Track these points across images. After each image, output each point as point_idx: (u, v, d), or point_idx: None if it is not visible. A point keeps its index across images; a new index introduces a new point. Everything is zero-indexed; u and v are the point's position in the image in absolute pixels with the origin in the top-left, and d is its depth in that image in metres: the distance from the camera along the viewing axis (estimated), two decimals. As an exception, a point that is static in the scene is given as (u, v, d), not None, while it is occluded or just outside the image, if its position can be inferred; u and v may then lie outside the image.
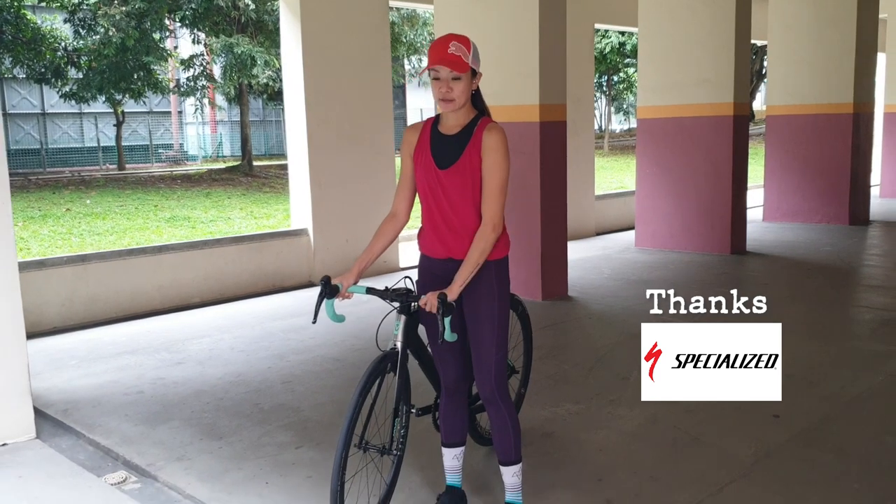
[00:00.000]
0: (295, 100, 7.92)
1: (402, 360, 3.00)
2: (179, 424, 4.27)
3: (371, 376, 2.91)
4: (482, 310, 2.97)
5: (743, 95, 8.85)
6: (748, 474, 3.50)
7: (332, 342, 5.69)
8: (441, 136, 2.99)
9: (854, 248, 9.28)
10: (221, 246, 7.55)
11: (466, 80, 2.88)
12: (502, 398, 3.04)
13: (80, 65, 19.25)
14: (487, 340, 2.98)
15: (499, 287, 2.99)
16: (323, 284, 3.00)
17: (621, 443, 3.87)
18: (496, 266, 2.99)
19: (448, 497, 3.21)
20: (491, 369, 2.99)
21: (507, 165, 2.90)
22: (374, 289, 3.03)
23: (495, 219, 2.88)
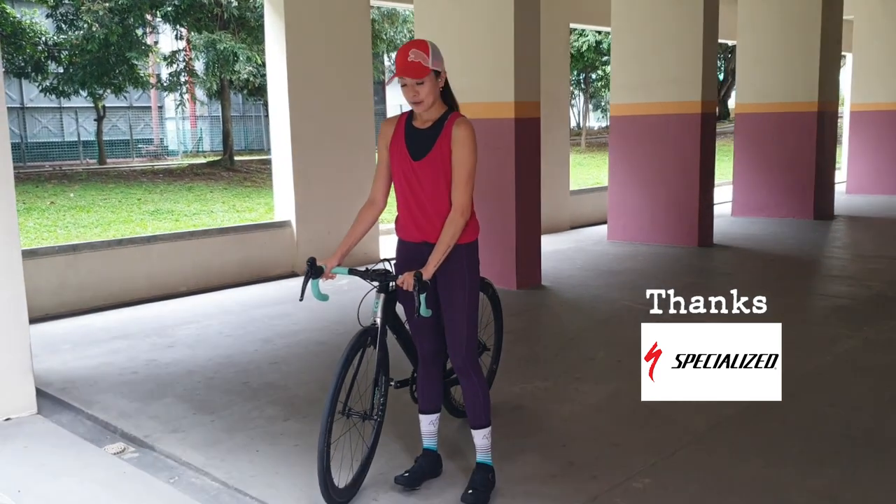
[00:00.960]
0: (278, 95, 8.18)
1: (381, 335, 3.30)
2: (173, 401, 4.54)
3: (353, 349, 3.21)
4: (454, 289, 3.28)
5: (710, 94, 9.22)
6: (699, 441, 3.84)
7: (316, 327, 5.98)
8: (414, 130, 3.30)
9: (816, 241, 9.69)
10: (208, 237, 7.80)
11: (430, 82, 3.18)
12: (473, 369, 3.36)
13: (61, 59, 19.32)
14: (459, 317, 3.29)
15: (468, 268, 3.31)
16: (309, 265, 3.30)
17: (585, 414, 4.20)
18: (466, 249, 3.30)
19: (424, 459, 3.51)
20: (462, 343, 3.30)
21: (474, 157, 3.22)
22: (355, 269, 3.33)
23: (464, 205, 3.19)
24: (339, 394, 3.17)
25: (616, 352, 5.26)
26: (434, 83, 3.20)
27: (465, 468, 3.51)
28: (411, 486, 3.40)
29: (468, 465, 3.54)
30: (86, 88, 18.04)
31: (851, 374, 4.80)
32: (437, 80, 3.22)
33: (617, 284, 7.34)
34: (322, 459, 3.13)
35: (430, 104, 3.22)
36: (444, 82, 3.27)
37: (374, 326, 3.30)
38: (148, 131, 29.96)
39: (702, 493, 3.32)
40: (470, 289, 3.31)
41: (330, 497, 3.17)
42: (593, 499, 3.27)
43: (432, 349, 3.46)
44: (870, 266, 8.04)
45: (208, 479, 3.59)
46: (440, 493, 3.37)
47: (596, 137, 32.17)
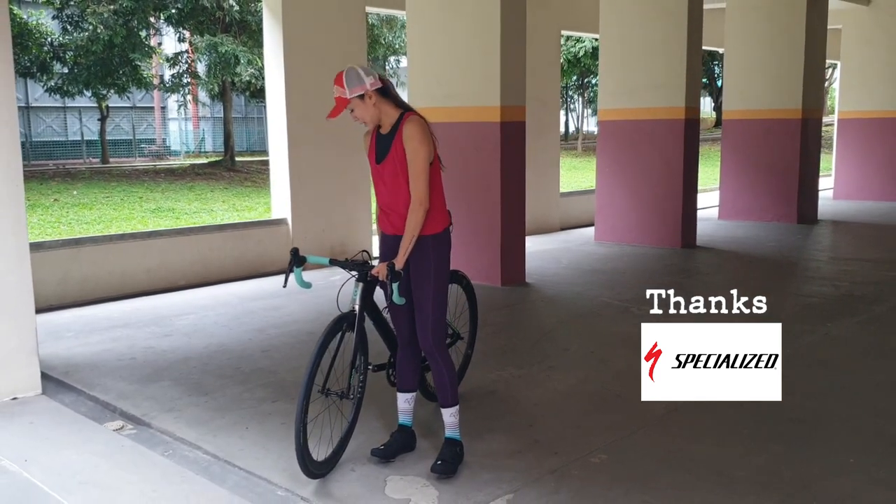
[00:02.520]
0: (276, 97, 8.48)
1: (360, 321, 3.59)
2: (169, 384, 4.84)
3: (329, 333, 3.49)
4: (422, 276, 3.60)
5: (693, 100, 9.52)
6: (658, 422, 4.12)
7: (307, 318, 6.27)
8: (381, 136, 3.66)
9: (797, 244, 9.98)
10: (206, 233, 8.10)
11: (359, 105, 3.54)
12: (439, 351, 3.66)
13: (66, 60, 19.65)
14: (426, 301, 3.60)
15: (435, 257, 3.61)
16: (292, 255, 3.60)
17: (553, 399, 4.49)
18: (433, 240, 3.61)
19: (400, 434, 3.81)
20: (428, 326, 3.61)
21: (424, 149, 3.50)
22: (335, 259, 3.63)
23: (420, 196, 3.49)
24: (315, 375, 3.44)
25: (589, 344, 5.56)
26: (363, 104, 3.54)
27: (437, 445, 3.79)
28: (386, 458, 3.70)
29: (439, 441, 3.83)
30: (90, 88, 18.38)
31: (809, 366, 5.08)
32: (364, 100, 3.54)
33: (599, 283, 7.63)
34: (299, 436, 3.40)
35: (373, 121, 3.59)
36: (382, 92, 3.57)
37: (351, 312, 3.59)
38: (151, 131, 30.33)
39: (653, 468, 3.61)
40: (437, 277, 3.60)
41: (308, 470, 3.45)
42: (552, 471, 3.56)
43: (409, 332, 3.76)
44: (844, 268, 8.33)
45: (200, 452, 3.88)
46: (412, 465, 3.66)
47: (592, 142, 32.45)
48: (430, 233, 3.60)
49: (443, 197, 3.69)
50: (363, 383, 3.72)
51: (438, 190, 3.65)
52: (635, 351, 5.53)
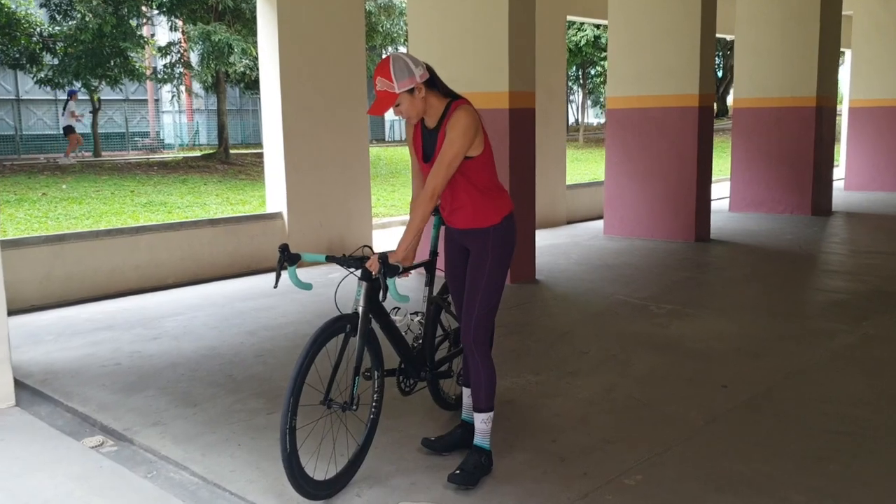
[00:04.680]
0: (271, 86, 8.06)
1: (363, 325, 3.18)
2: (155, 393, 4.43)
3: (325, 332, 3.09)
4: (477, 268, 3.28)
5: (708, 87, 9.11)
6: (695, 436, 3.73)
7: (303, 320, 5.87)
8: (427, 131, 3.30)
9: (813, 237, 9.59)
10: (198, 228, 7.68)
11: (406, 99, 3.15)
12: (479, 351, 3.30)
13: (56, 51, 19.15)
14: (474, 296, 3.27)
15: (493, 251, 3.29)
16: (281, 252, 3.19)
17: (576, 409, 4.08)
18: (493, 231, 3.30)
19: (461, 430, 3.55)
20: (472, 322, 3.27)
21: (461, 143, 3.14)
22: (333, 256, 3.22)
23: (435, 189, 3.15)
24: (305, 373, 3.02)
25: (609, 345, 5.16)
26: (410, 99, 3.17)
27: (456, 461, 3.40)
28: (439, 452, 3.46)
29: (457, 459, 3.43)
30: (80, 79, 17.87)
31: (848, 370, 4.69)
32: (413, 94, 3.16)
33: (612, 279, 7.23)
34: (284, 442, 2.99)
35: (418, 116, 3.23)
36: (429, 83, 3.21)
37: (353, 314, 3.20)
38: (144, 124, 29.81)
39: (697, 491, 3.21)
40: (490, 272, 3.28)
41: (298, 484, 3.04)
42: (584, 496, 3.16)
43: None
44: (867, 261, 7.94)
45: (187, 473, 3.48)
46: (428, 489, 3.25)
47: (594, 133, 32.07)
48: (488, 224, 3.30)
49: (497, 182, 3.37)
50: (379, 396, 3.34)
51: (492, 177, 3.33)
52: (658, 353, 5.19)
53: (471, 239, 3.34)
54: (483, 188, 3.28)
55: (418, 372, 3.63)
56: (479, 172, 3.25)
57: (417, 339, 3.70)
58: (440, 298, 3.76)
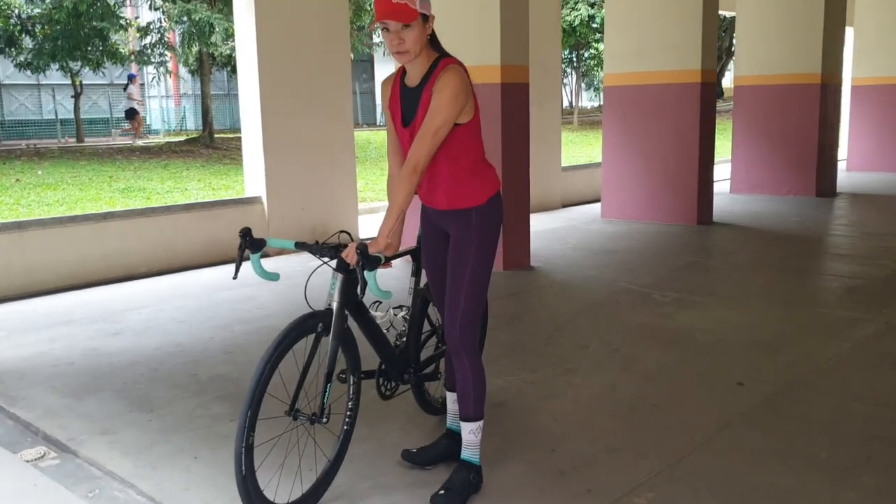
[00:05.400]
0: (248, 63, 7.59)
1: (338, 322, 2.74)
2: (109, 396, 3.99)
3: (292, 333, 2.66)
4: (458, 255, 2.83)
5: (710, 62, 8.66)
6: (709, 443, 3.30)
7: (282, 312, 5.43)
8: (406, 90, 2.82)
9: (820, 219, 9.18)
10: (171, 213, 7.21)
11: (418, 28, 2.65)
12: (466, 350, 2.85)
13: (35, 33, 18.55)
14: (457, 288, 2.82)
15: (478, 235, 2.83)
16: (242, 237, 2.75)
17: (577, 412, 3.66)
18: (477, 214, 2.83)
19: (446, 440, 3.12)
20: (456, 317, 2.82)
21: (449, 111, 2.67)
22: (304, 243, 2.78)
23: (418, 162, 2.68)
24: (266, 381, 2.60)
25: (611, 338, 4.73)
26: (422, 29, 2.67)
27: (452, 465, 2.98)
28: (422, 466, 3.05)
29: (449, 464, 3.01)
30: (57, 61, 17.27)
31: (876, 364, 4.27)
32: (426, 25, 2.69)
33: (612, 265, 6.80)
34: (239, 463, 2.57)
35: (416, 54, 2.70)
36: (431, 30, 2.74)
37: (326, 311, 2.76)
38: (129, 109, 29.10)
39: (716, 509, 2.80)
40: (475, 259, 2.83)
41: None
42: (587, 518, 2.74)
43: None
44: (880, 244, 7.52)
45: (134, 492, 3.04)
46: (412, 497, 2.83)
47: (588, 116, 31.61)
48: (473, 204, 2.83)
49: (483, 156, 2.91)
50: (355, 403, 2.90)
51: (479, 149, 2.87)
52: (666, 347, 4.66)
53: (451, 222, 2.88)
54: (467, 162, 2.82)
55: (401, 374, 3.19)
56: (465, 143, 2.79)
57: (401, 337, 3.25)
58: (428, 291, 3.32)
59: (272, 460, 2.90)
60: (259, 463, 2.66)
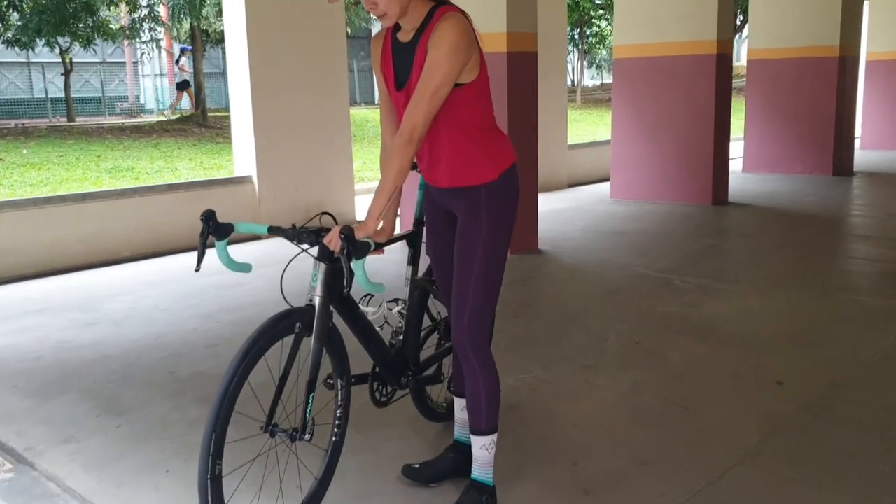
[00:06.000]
0: (236, 35, 7.13)
1: (322, 321, 2.32)
2: (76, 397, 3.58)
3: (263, 336, 2.23)
4: (466, 241, 2.41)
5: (727, 31, 8.19)
6: (753, 454, 2.90)
7: (270, 300, 4.99)
8: (399, 46, 2.38)
9: (840, 199, 8.75)
10: (154, 194, 6.79)
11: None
12: (476, 353, 2.44)
13: (23, 8, 18.00)
14: (466, 280, 2.40)
15: (488, 217, 2.39)
16: (204, 221, 2.32)
17: (600, 417, 3.25)
18: (488, 191, 2.39)
19: (453, 453, 2.73)
20: (464, 314, 2.41)
21: (449, 65, 2.24)
22: (278, 227, 2.35)
23: (415, 128, 2.24)
24: (234, 396, 2.17)
25: (632, 330, 4.31)
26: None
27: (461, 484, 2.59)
28: (426, 483, 2.65)
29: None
30: (43, 37, 16.70)
31: (926, 359, 3.86)
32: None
33: (626, 248, 6.38)
34: (205, 497, 2.15)
35: (396, 14, 2.28)
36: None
37: (307, 308, 2.34)
38: (123, 88, 28.55)
39: (768, 537, 2.39)
40: (485, 247, 2.40)
41: None
42: (620, 549, 2.34)
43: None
44: (908, 226, 7.11)
45: (93, 514, 2.64)
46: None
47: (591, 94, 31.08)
48: (481, 181, 2.40)
49: (494, 122, 2.47)
50: (344, 411, 2.49)
51: (487, 115, 2.43)
52: (692, 339, 4.10)
53: (457, 201, 2.45)
54: (473, 130, 2.38)
55: (398, 377, 2.78)
56: (470, 108, 2.35)
57: (397, 335, 2.83)
58: (427, 281, 2.90)
59: (250, 479, 2.49)
60: (231, 493, 2.25)
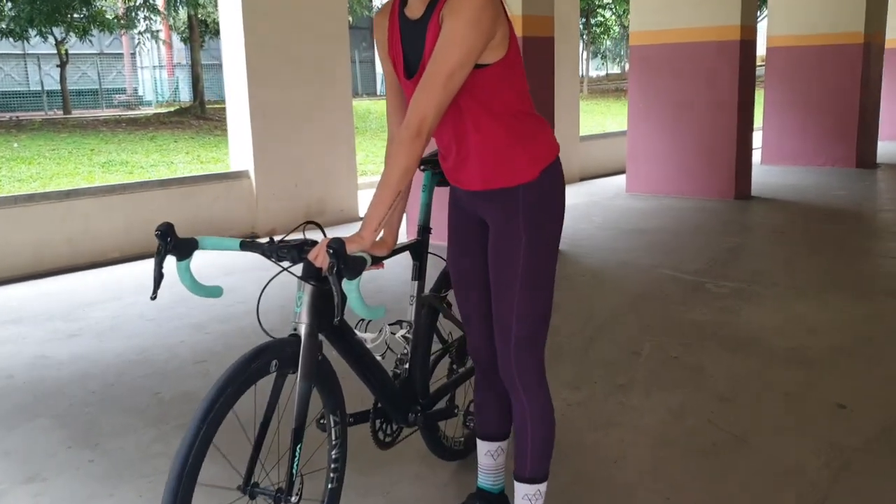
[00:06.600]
0: (232, 23, 6.70)
1: (308, 356, 1.88)
2: (47, 424, 3.18)
3: (231, 382, 1.75)
4: (501, 258, 1.99)
5: (750, 16, 7.75)
6: (824, 498, 2.49)
7: (268, 306, 4.59)
8: (408, 24, 1.91)
9: (867, 193, 8.34)
10: (146, 190, 6.38)
11: None
12: (525, 386, 2.04)
13: (17, 0, 17.61)
14: (505, 303, 1.99)
15: (527, 224, 1.95)
16: (159, 237, 1.88)
17: (643, 450, 2.83)
18: (524, 192, 1.95)
19: (480, 502, 2.29)
20: (509, 344, 2.00)
21: (471, 40, 1.76)
22: (252, 241, 1.91)
23: (424, 120, 1.76)
24: (193, 471, 1.69)
25: (667, 342, 3.90)
26: None
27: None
28: None
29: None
30: (35, 27, 16.29)
31: None
32: None
33: (648, 247, 5.97)
34: None
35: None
36: None
37: (290, 339, 1.90)
38: (121, 80, 28.17)
39: None
40: (528, 262, 1.96)
41: None
42: None
43: (485, 345, 2.18)
44: (947, 222, 6.69)
45: (55, 576, 2.24)
46: None
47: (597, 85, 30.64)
48: (520, 181, 1.95)
49: (531, 108, 2.00)
50: (340, 453, 2.06)
51: (522, 99, 1.96)
52: (735, 353, 3.66)
53: (489, 206, 2.01)
54: (509, 118, 1.92)
55: (405, 413, 2.34)
56: (502, 89, 1.89)
57: (402, 363, 2.38)
58: (436, 297, 2.46)
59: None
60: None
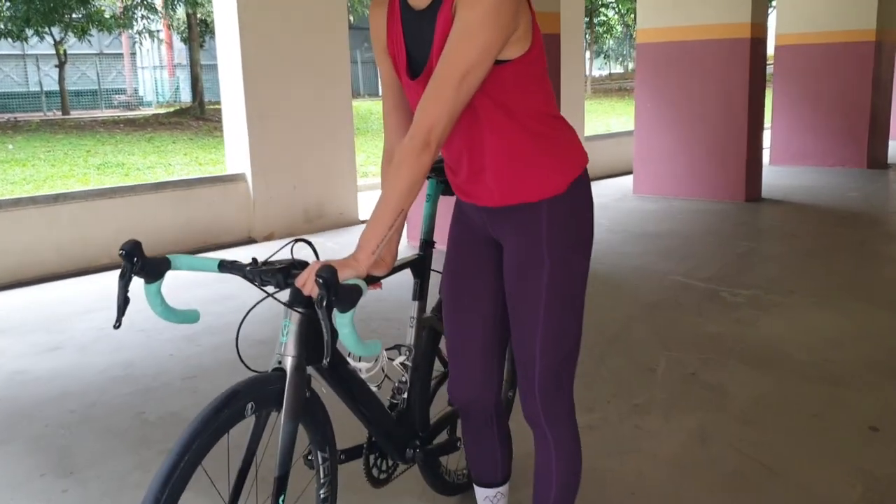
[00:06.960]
0: (226, 15, 6.48)
1: (294, 393, 1.61)
2: (19, 449, 2.96)
3: (199, 433, 1.46)
4: (521, 284, 1.73)
5: (761, 14, 7.53)
6: (864, 535, 2.27)
7: (263, 317, 4.37)
8: (412, 15, 1.65)
9: (881, 194, 8.11)
10: (138, 194, 6.16)
11: None
12: (551, 423, 1.80)
13: (15, 0, 17.43)
14: (528, 335, 1.74)
15: (550, 245, 1.70)
16: (124, 256, 1.64)
17: (663, 479, 2.61)
18: (549, 207, 1.69)
19: None
20: (532, 380, 1.76)
21: (487, 34, 1.49)
22: (232, 263, 1.66)
23: (431, 129, 1.50)
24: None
25: (684, 357, 3.68)
26: None
27: None
28: None
29: None
30: (31, 26, 16.10)
31: None
32: None
33: (659, 251, 5.75)
34: None
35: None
36: None
37: (275, 374, 1.64)
38: (121, 80, 27.99)
39: None
40: (554, 288, 1.71)
41: None
42: None
43: (468, 389, 1.94)
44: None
45: None
46: None
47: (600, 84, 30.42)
48: (545, 195, 1.69)
49: (556, 110, 1.74)
50: (330, 491, 1.80)
51: (547, 101, 1.70)
52: (756, 369, 3.44)
53: (507, 224, 1.75)
54: (532, 122, 1.67)
55: (402, 449, 2.10)
56: (524, 91, 1.64)
57: (399, 392, 2.14)
58: (438, 319, 2.19)
59: None
60: None
